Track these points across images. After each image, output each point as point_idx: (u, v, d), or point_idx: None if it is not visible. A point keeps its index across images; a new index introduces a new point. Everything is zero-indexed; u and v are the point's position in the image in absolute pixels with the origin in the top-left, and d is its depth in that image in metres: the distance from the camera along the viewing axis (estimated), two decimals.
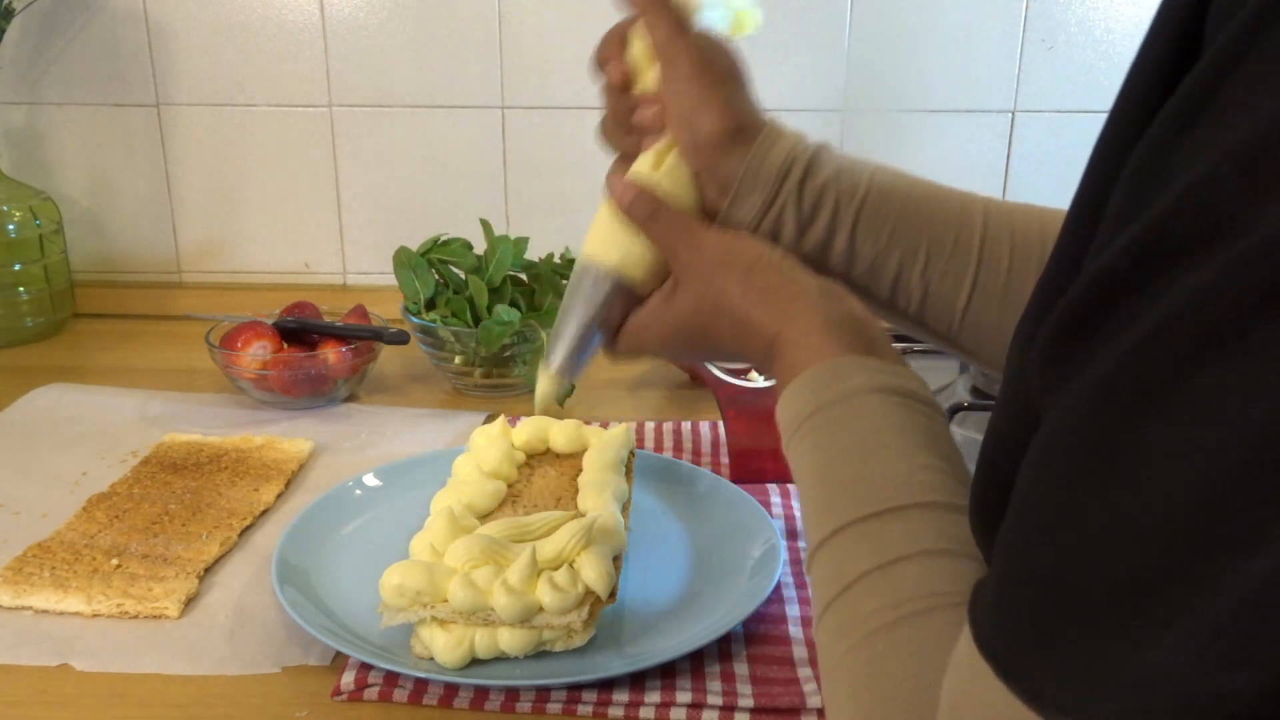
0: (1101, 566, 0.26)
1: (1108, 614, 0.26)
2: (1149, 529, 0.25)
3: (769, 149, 0.55)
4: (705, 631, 0.65)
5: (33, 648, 0.66)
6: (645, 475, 0.86)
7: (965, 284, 0.55)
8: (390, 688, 0.62)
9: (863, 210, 0.55)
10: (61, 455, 0.92)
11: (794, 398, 0.48)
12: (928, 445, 0.44)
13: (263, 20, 1.22)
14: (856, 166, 0.57)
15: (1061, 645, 0.27)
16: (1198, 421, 0.24)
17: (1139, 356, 0.25)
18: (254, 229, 1.30)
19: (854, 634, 0.39)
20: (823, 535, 0.43)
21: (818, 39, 1.21)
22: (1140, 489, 0.25)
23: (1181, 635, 0.24)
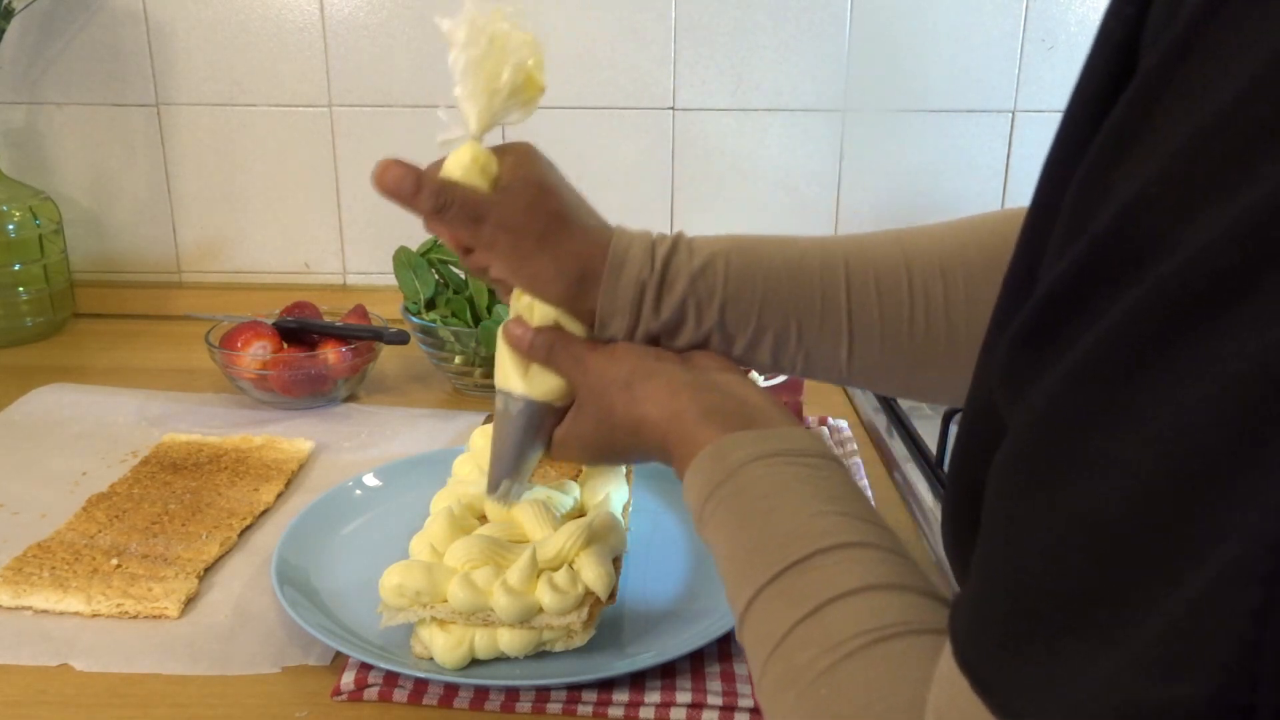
0: (1052, 579, 0.27)
1: (1059, 625, 0.26)
2: (1091, 542, 0.25)
3: (616, 283, 0.57)
4: (705, 631, 0.65)
5: (33, 648, 0.66)
6: (645, 475, 0.86)
7: (842, 341, 0.57)
8: (390, 688, 0.62)
9: (725, 308, 0.57)
10: (61, 455, 0.92)
11: (691, 487, 0.51)
12: (815, 495, 0.46)
13: (263, 20, 1.22)
14: (710, 264, 0.57)
15: (1023, 656, 0.28)
16: (1129, 439, 0.24)
17: (1078, 374, 0.26)
18: (254, 229, 1.30)
19: (797, 685, 0.40)
20: (743, 604, 0.44)
21: (818, 39, 1.21)
22: (1081, 504, 0.26)
23: (1124, 647, 0.24)
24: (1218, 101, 0.24)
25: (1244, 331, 0.22)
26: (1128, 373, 0.25)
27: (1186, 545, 0.23)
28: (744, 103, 1.23)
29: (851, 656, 0.39)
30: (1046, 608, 0.27)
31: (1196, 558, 0.23)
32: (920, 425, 0.94)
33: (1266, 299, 0.22)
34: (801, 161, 1.25)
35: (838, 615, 0.40)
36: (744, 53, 1.22)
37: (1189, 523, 0.23)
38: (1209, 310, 0.23)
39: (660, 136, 1.24)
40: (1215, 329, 0.23)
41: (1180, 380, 0.23)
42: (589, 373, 0.57)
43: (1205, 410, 0.23)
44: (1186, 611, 0.23)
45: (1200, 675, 0.23)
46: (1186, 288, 0.23)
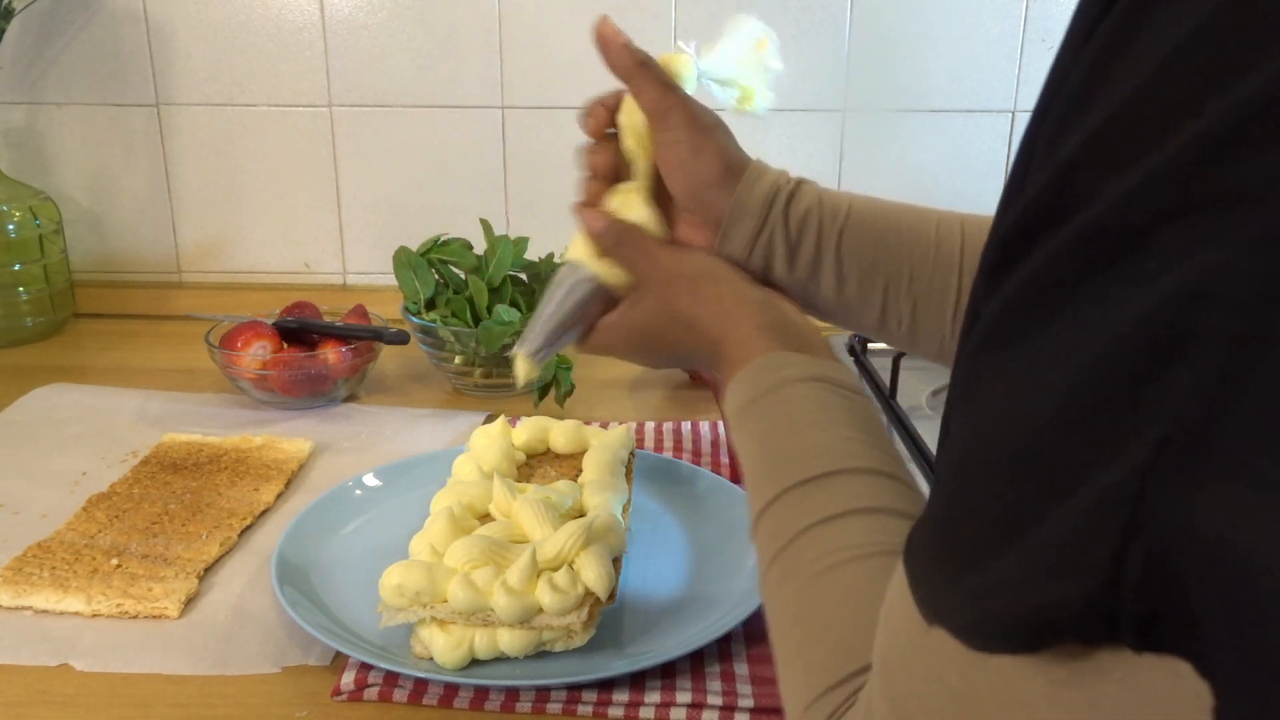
0: (971, 491, 0.30)
1: (972, 533, 0.30)
2: (1000, 461, 0.29)
3: (754, 183, 0.60)
4: (705, 631, 0.65)
5: (33, 648, 0.66)
6: (645, 475, 0.86)
7: (951, 295, 0.59)
8: (390, 688, 0.62)
9: (845, 232, 0.60)
10: (61, 455, 0.92)
11: (736, 390, 0.54)
12: (850, 422, 0.50)
13: (263, 20, 1.22)
14: (837, 196, 0.61)
15: (943, 558, 0.31)
16: (1037, 372, 0.27)
17: (1001, 312, 0.29)
18: (254, 229, 1.30)
19: (798, 578, 0.44)
20: (763, 504, 0.48)
21: (818, 39, 1.21)
22: (993, 427, 0.29)
23: (1019, 553, 0.27)
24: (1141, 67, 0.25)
25: (1138, 282, 0.24)
26: (1040, 312, 0.27)
27: (1077, 468, 0.26)
28: None
29: (852, 562, 0.43)
30: (964, 517, 0.30)
31: (1085, 478, 0.25)
32: (920, 425, 0.94)
33: (1158, 253, 0.24)
34: (801, 161, 1.25)
35: (850, 525, 0.44)
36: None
37: (1080, 449, 0.26)
38: (1111, 260, 0.25)
39: None
40: (1115, 278, 0.25)
41: (1081, 323, 0.26)
42: (657, 264, 0.59)
43: (1099, 352, 0.25)
44: (1071, 525, 0.26)
45: (1077, 581, 0.25)
46: (1095, 238, 0.26)
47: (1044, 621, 0.27)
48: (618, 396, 1.08)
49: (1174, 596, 0.24)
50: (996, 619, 0.28)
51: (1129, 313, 0.24)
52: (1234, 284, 0.23)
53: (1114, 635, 0.26)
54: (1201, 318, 0.23)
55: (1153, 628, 0.25)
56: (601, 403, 1.06)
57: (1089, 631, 0.26)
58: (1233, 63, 0.23)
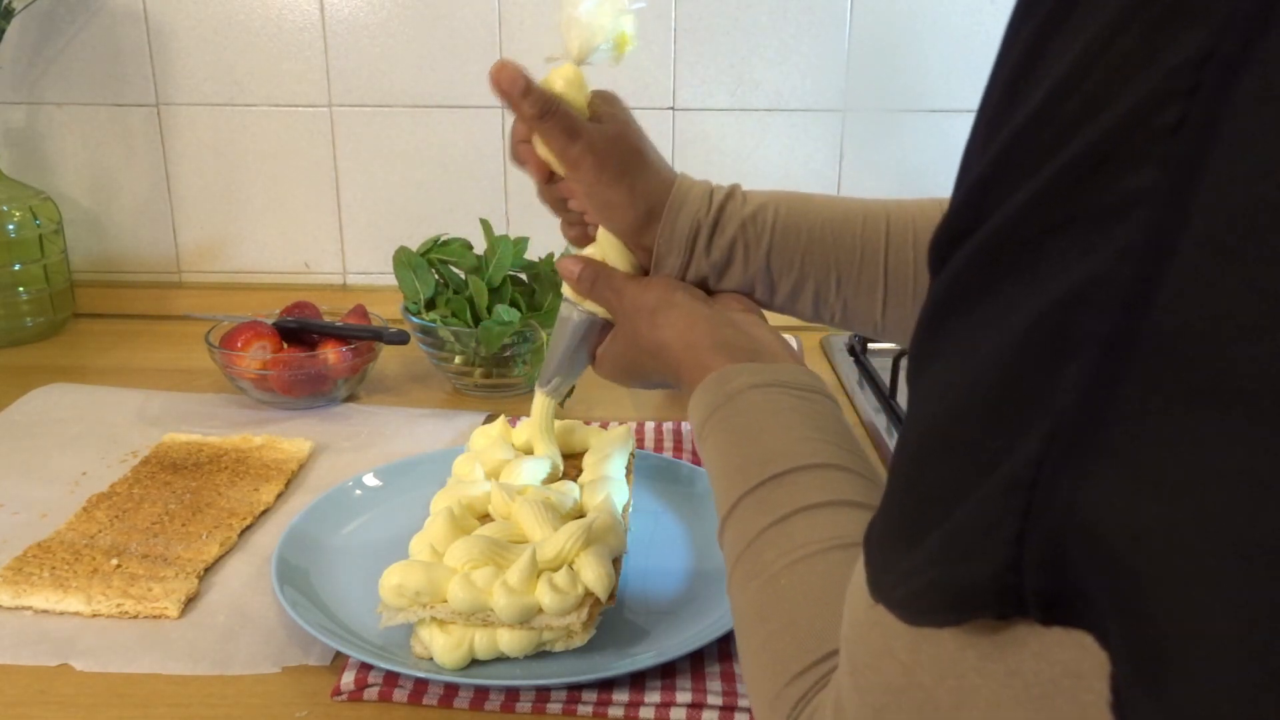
0: (904, 477, 0.33)
1: (906, 516, 0.32)
2: (925, 450, 0.31)
3: (674, 220, 0.64)
4: (705, 631, 0.65)
5: (33, 648, 0.66)
6: (645, 475, 0.86)
7: (878, 294, 0.64)
8: (390, 688, 0.62)
9: (771, 252, 0.64)
10: (61, 455, 0.92)
11: (694, 409, 0.57)
12: (803, 422, 0.52)
13: (263, 20, 1.22)
14: (761, 212, 0.64)
15: (887, 541, 0.33)
16: (949, 369, 0.30)
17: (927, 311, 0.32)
18: (254, 229, 1.30)
19: (760, 577, 0.46)
20: (725, 510, 0.50)
21: (818, 39, 1.21)
22: (920, 420, 0.32)
23: (936, 535, 0.30)
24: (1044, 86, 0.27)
25: (1031, 287, 0.27)
26: (950, 314, 0.30)
27: (985, 457, 0.28)
28: (744, 103, 1.24)
29: (811, 557, 0.45)
30: (901, 501, 0.33)
31: (991, 467, 0.28)
32: None
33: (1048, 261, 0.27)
34: (801, 161, 1.25)
35: (804, 523, 0.46)
36: (744, 53, 1.22)
37: (986, 439, 0.28)
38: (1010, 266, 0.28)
39: (660, 136, 1.24)
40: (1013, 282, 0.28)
41: (986, 323, 0.28)
42: (624, 300, 0.64)
43: (999, 350, 0.28)
44: (980, 510, 0.28)
45: (986, 561, 0.28)
46: (997, 246, 0.28)
47: (961, 599, 0.29)
48: (618, 396, 1.08)
49: (1069, 575, 0.27)
50: (922, 596, 0.31)
51: (1024, 315, 0.27)
52: (1105, 291, 0.25)
53: (1024, 610, 0.28)
54: (1080, 321, 0.26)
55: (1055, 604, 0.27)
56: (601, 403, 1.06)
57: (1001, 607, 0.29)
58: (1101, 93, 0.26)
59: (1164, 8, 0.24)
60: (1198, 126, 0.23)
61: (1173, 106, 0.24)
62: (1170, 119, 0.24)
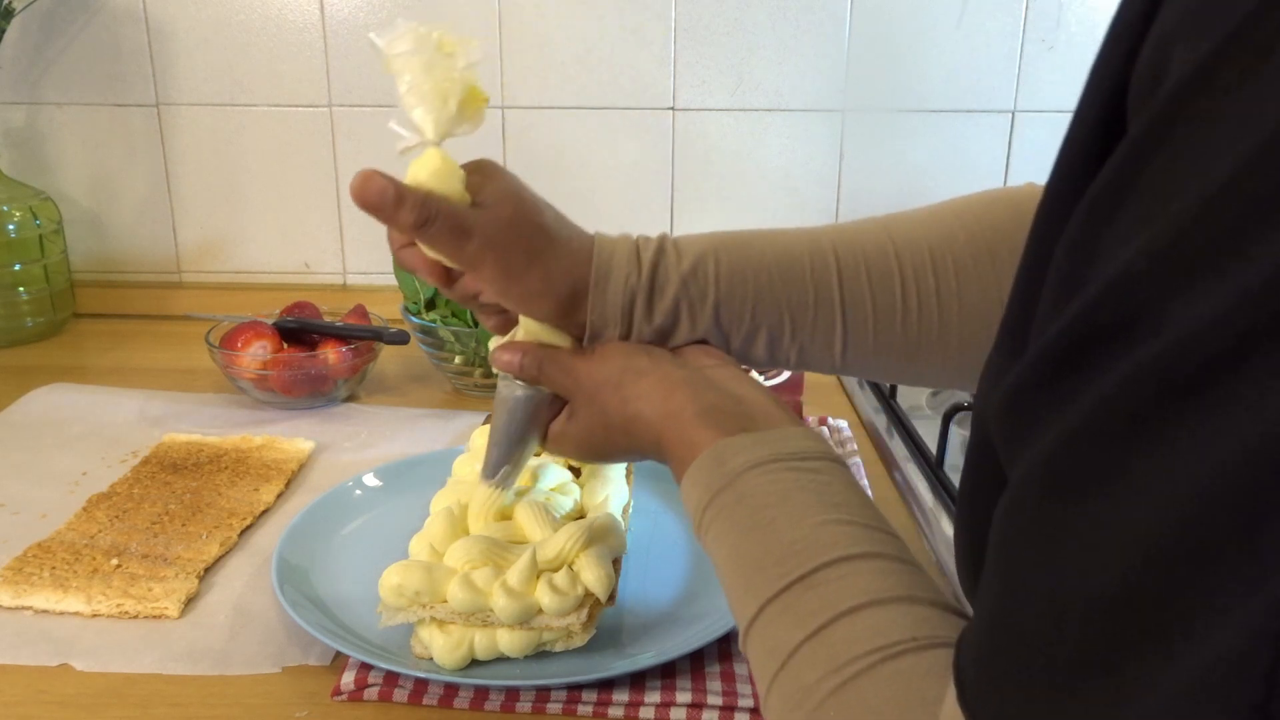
0: (1049, 640, 0.27)
1: (1055, 686, 0.27)
2: (1086, 609, 0.26)
3: (604, 294, 0.56)
4: (705, 631, 0.65)
5: (33, 648, 0.66)
6: (645, 475, 0.86)
7: (836, 334, 0.58)
8: (390, 688, 0.62)
9: (719, 309, 0.57)
10: (61, 455, 0.92)
11: (689, 493, 0.50)
12: (818, 504, 0.45)
13: (263, 20, 1.22)
14: (700, 265, 0.57)
15: (1020, 709, 0.28)
16: (1120, 510, 0.25)
17: (1074, 440, 0.27)
18: (254, 229, 1.30)
19: (804, 706, 0.40)
20: (749, 617, 0.44)
21: (818, 39, 1.21)
22: (1076, 570, 0.26)
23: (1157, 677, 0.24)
24: (1209, 176, 0.24)
25: (1236, 414, 0.22)
26: (1119, 445, 0.25)
27: (1182, 624, 0.23)
28: (744, 103, 1.23)
29: (859, 677, 0.38)
30: (1044, 666, 0.27)
31: (1194, 638, 0.23)
32: (920, 425, 0.94)
33: (1255, 383, 0.22)
34: (801, 161, 1.25)
35: (844, 633, 0.40)
36: (744, 53, 1.22)
37: (1183, 602, 0.23)
38: (1202, 389, 0.23)
39: (660, 136, 1.24)
40: (1208, 409, 0.23)
41: (1173, 458, 0.24)
42: (580, 378, 0.57)
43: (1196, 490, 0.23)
44: (1183, 694, 0.23)
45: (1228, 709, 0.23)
46: (1179, 366, 0.24)
47: None
48: None
49: None
50: None
51: (1227, 448, 0.23)
52: None
53: None
54: None
55: None
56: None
57: None
58: None
59: None
60: None
61: None
62: None
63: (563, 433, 0.60)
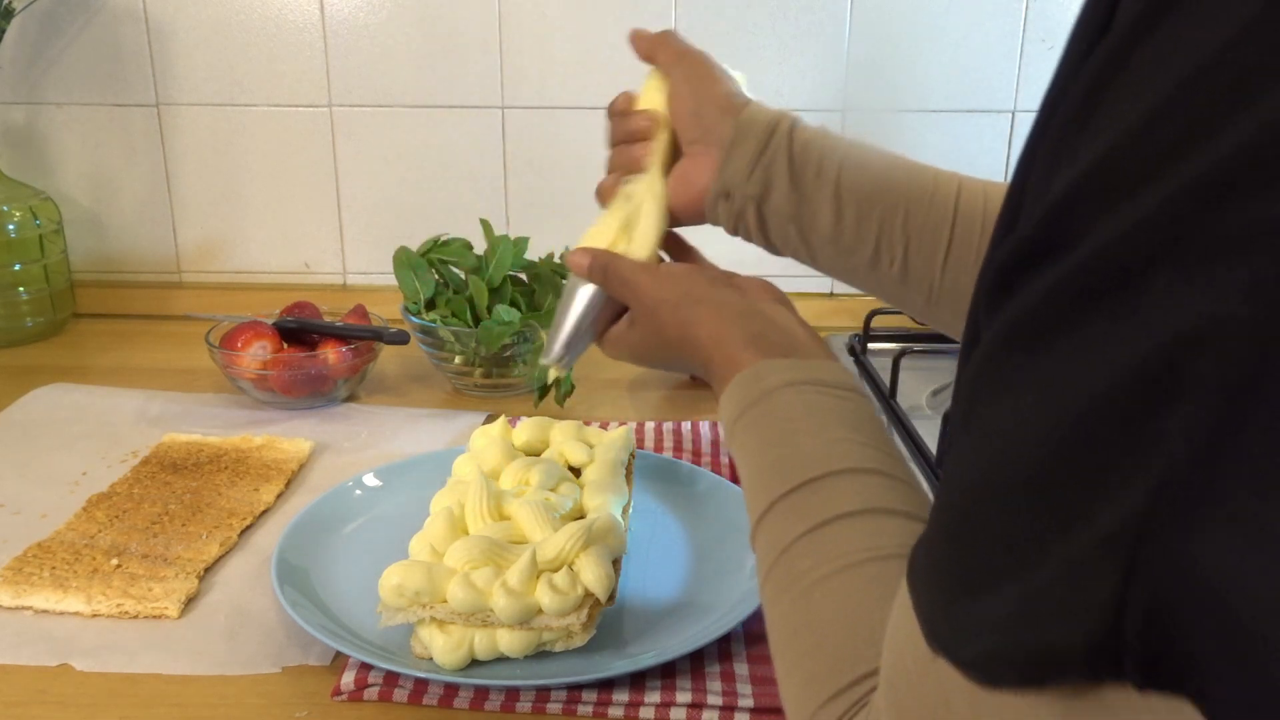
0: (971, 525, 0.30)
1: (974, 567, 0.30)
2: (998, 497, 0.29)
3: (758, 110, 0.64)
4: (705, 631, 0.65)
5: (33, 648, 0.66)
6: (645, 475, 0.86)
7: (943, 242, 0.61)
8: (390, 688, 0.62)
9: (846, 163, 0.62)
10: (61, 455, 0.92)
11: (726, 406, 0.55)
12: (839, 423, 0.50)
13: (263, 20, 1.22)
14: (837, 134, 0.65)
15: (948, 590, 0.31)
16: (1034, 407, 0.27)
17: (997, 343, 0.29)
18: (254, 229, 1.30)
19: (794, 589, 0.44)
20: (759, 513, 0.48)
21: (818, 39, 1.21)
22: (992, 461, 0.29)
23: (1021, 589, 0.27)
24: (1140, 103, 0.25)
25: (1132, 322, 0.24)
26: (1036, 348, 0.27)
27: (1075, 506, 0.26)
28: None
29: (846, 570, 0.43)
30: (966, 544, 0.30)
31: (1083, 517, 0.25)
32: (920, 425, 0.94)
33: (1153, 295, 0.24)
34: None
35: (840, 532, 0.44)
36: (744, 53, 1.22)
37: (1078, 488, 0.26)
38: (1106, 298, 0.25)
39: None
40: (1110, 316, 0.25)
41: (1078, 360, 0.26)
42: (641, 292, 0.62)
43: (1096, 391, 0.25)
44: (1071, 565, 0.26)
45: (1079, 622, 0.26)
46: (1090, 275, 0.26)
47: (1047, 661, 0.27)
48: (618, 396, 1.08)
49: (1175, 638, 0.24)
50: (1000, 657, 0.28)
51: (1124, 354, 0.25)
52: (1227, 331, 0.23)
53: (1118, 674, 0.26)
54: (1196, 363, 0.23)
55: (1156, 668, 0.25)
56: (601, 403, 1.06)
57: (1093, 671, 0.26)
58: (1226, 105, 0.23)
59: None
60: None
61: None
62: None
63: (620, 337, 0.65)
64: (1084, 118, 0.27)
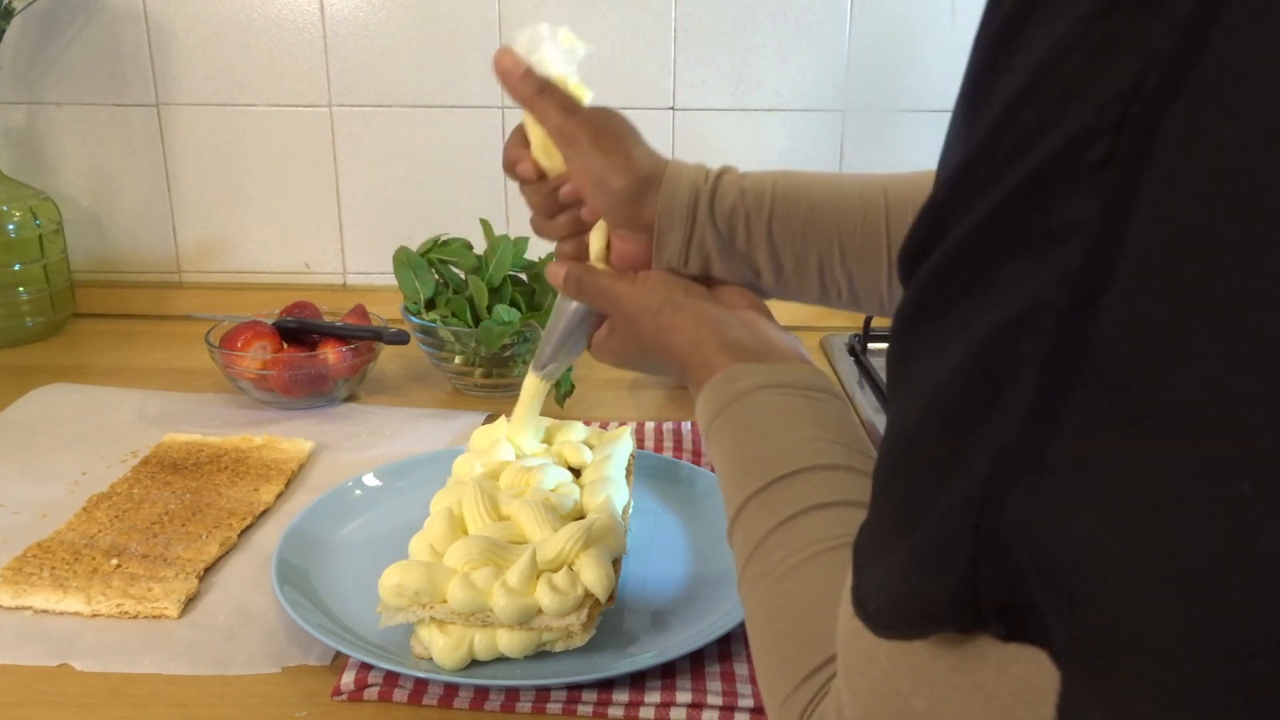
0: (879, 486, 0.34)
1: (880, 524, 0.33)
2: (894, 459, 0.32)
3: (674, 190, 0.63)
4: (705, 631, 0.65)
5: (33, 648, 0.66)
6: (645, 475, 0.86)
7: (883, 264, 0.63)
8: (390, 688, 0.62)
9: (773, 220, 0.63)
10: (61, 455, 0.92)
11: (702, 408, 0.56)
12: (811, 423, 0.52)
13: (263, 20, 1.22)
14: (759, 183, 0.64)
15: (866, 549, 0.34)
16: (912, 381, 0.31)
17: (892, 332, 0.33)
18: (254, 229, 1.30)
19: (767, 579, 0.46)
20: (734, 510, 0.50)
21: (818, 39, 1.21)
22: (891, 429, 0.33)
23: (903, 546, 0.31)
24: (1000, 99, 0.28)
25: (982, 309, 0.28)
26: (915, 327, 0.31)
27: (941, 474, 0.29)
28: (744, 103, 1.24)
29: (816, 557, 0.45)
30: (879, 510, 0.34)
31: (947, 484, 0.28)
32: None
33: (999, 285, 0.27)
34: (801, 161, 1.25)
35: (809, 523, 0.47)
36: (744, 53, 1.22)
37: (942, 457, 0.29)
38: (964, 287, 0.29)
39: (660, 136, 1.24)
40: (965, 303, 0.28)
41: (939, 341, 0.29)
42: (621, 301, 0.64)
43: (952, 371, 0.29)
44: (937, 526, 0.29)
45: (944, 577, 0.29)
46: (951, 267, 0.29)
47: (924, 614, 0.30)
48: (618, 396, 1.08)
49: (1021, 591, 0.27)
50: (889, 610, 0.32)
51: (974, 335, 0.28)
52: (1044, 315, 0.26)
53: (985, 626, 0.29)
54: (1023, 344, 0.26)
55: (1011, 619, 0.28)
56: (601, 403, 1.06)
57: (961, 622, 0.29)
58: (1041, 122, 0.26)
59: (1097, 41, 0.25)
60: (1128, 159, 0.24)
61: (1103, 139, 0.24)
62: (1100, 151, 0.24)
63: (602, 343, 0.67)
64: (960, 130, 0.30)
